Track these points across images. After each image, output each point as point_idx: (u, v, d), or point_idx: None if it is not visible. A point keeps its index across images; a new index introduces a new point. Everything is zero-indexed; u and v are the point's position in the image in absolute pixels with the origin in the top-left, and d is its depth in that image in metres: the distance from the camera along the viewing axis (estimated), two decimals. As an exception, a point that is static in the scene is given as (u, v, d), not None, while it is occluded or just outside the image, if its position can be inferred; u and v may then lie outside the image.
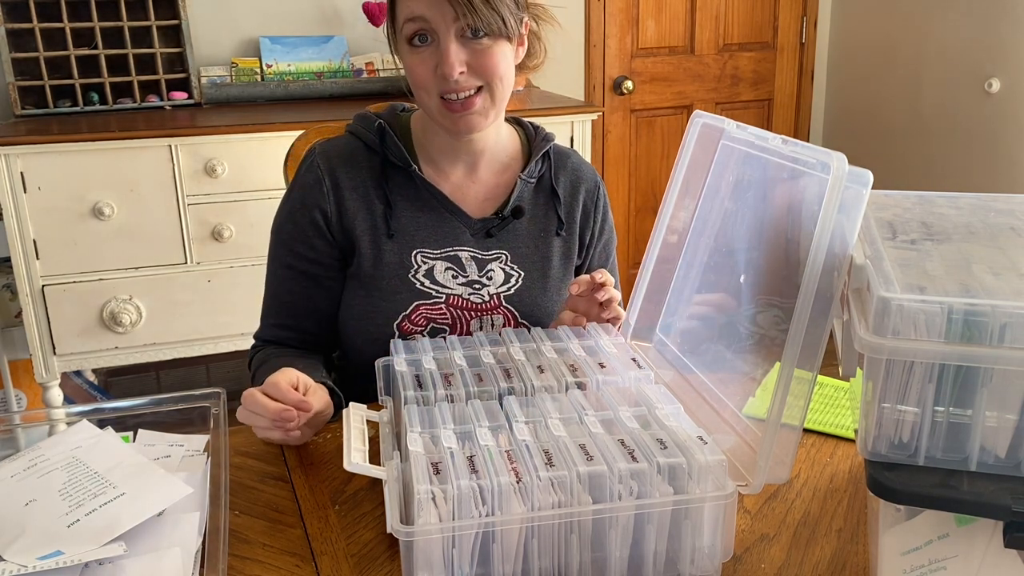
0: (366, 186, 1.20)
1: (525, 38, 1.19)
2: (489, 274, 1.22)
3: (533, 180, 1.26)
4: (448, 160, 1.23)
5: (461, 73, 1.09)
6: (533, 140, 1.27)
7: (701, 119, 1.07)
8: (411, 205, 1.21)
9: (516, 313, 1.23)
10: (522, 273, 1.23)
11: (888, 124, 3.35)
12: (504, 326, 1.22)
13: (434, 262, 1.20)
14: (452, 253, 1.21)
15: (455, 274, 1.20)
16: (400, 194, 1.21)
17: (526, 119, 1.31)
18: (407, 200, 1.21)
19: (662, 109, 3.43)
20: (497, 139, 1.24)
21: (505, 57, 1.12)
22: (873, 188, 0.76)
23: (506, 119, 1.26)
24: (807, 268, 0.75)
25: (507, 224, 1.23)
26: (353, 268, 1.20)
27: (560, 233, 1.26)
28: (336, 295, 1.23)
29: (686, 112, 3.44)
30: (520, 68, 1.20)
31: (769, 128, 3.36)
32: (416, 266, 1.19)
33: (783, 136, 0.88)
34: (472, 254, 1.22)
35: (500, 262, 1.23)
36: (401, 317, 1.19)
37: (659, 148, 3.46)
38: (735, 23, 3.44)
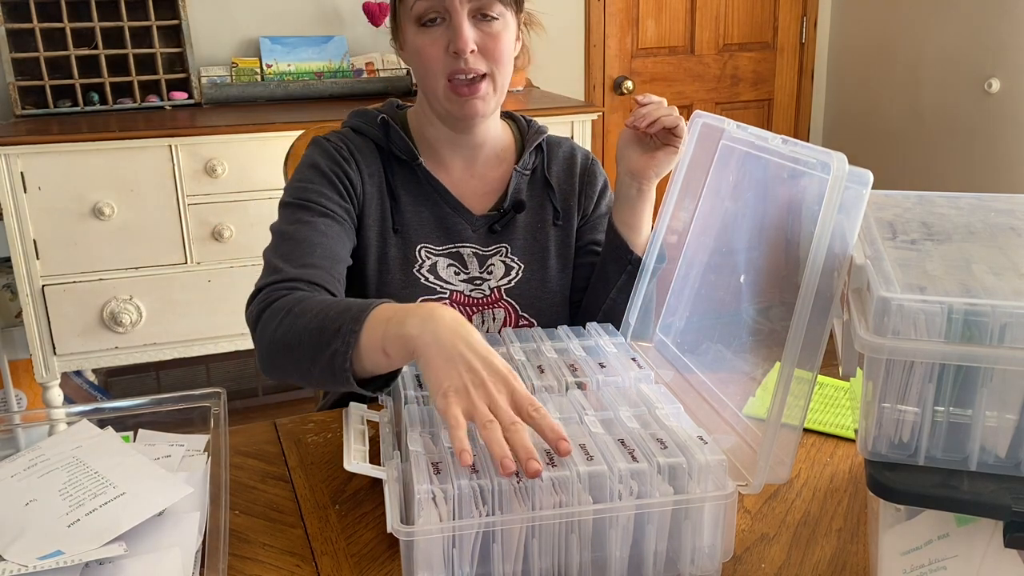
0: (375, 177, 1.20)
1: (520, 35, 1.20)
2: (490, 268, 1.22)
3: (528, 172, 1.26)
4: (447, 153, 1.23)
5: (472, 52, 1.10)
6: (526, 133, 1.28)
7: (701, 119, 1.07)
8: (414, 200, 1.21)
9: (516, 306, 1.23)
10: (522, 265, 1.24)
11: (888, 124, 3.34)
12: (505, 320, 1.22)
13: (437, 258, 1.20)
14: (455, 250, 1.22)
15: (457, 271, 1.21)
16: (404, 189, 1.21)
17: (519, 114, 1.32)
18: (410, 195, 1.21)
19: (662, 109, 3.43)
20: (494, 133, 1.25)
21: (509, 44, 1.14)
22: (873, 188, 0.76)
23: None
24: (807, 268, 0.75)
25: (509, 218, 1.23)
26: (357, 263, 1.19)
27: (557, 223, 1.27)
28: (350, 255, 1.15)
29: (686, 112, 3.43)
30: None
31: (769, 128, 3.36)
32: (420, 261, 1.20)
33: (783, 136, 0.88)
34: (474, 250, 1.22)
35: (500, 255, 1.23)
36: None
37: (659, 148, 3.46)
38: (735, 23, 3.44)
